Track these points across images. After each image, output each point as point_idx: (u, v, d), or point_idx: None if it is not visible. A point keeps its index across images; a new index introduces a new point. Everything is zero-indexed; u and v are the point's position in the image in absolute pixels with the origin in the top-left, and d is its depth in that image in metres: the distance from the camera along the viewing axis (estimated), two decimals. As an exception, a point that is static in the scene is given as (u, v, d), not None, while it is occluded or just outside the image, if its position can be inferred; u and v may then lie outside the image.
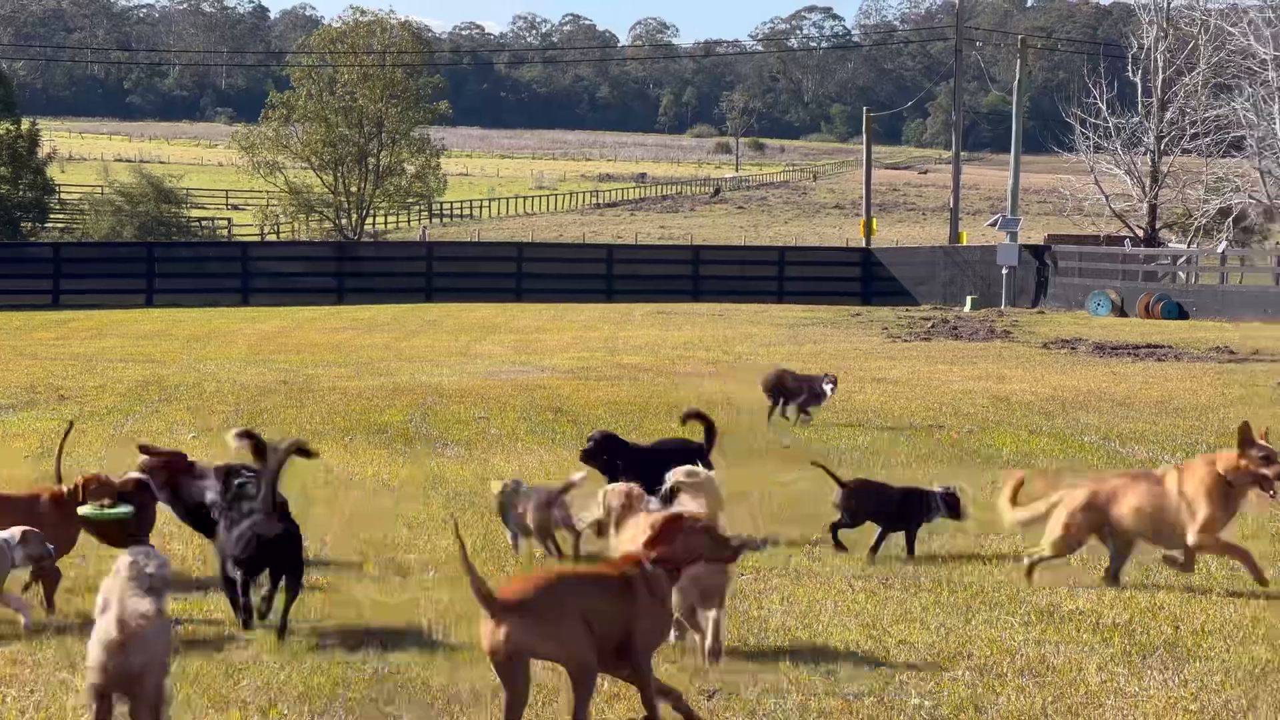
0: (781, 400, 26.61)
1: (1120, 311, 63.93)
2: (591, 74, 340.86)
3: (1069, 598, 12.81)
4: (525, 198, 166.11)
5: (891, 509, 14.80)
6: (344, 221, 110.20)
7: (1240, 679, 10.34)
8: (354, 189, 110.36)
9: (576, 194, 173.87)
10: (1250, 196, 72.85)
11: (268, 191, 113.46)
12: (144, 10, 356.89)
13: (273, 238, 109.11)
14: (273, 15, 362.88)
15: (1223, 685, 10.20)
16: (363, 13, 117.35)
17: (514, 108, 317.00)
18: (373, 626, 11.83)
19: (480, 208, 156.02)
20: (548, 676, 9.88)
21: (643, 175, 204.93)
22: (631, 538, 10.60)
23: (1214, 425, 26.09)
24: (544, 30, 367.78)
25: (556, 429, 25.97)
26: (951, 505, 14.87)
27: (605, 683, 9.67)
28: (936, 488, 15.06)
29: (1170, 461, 18.74)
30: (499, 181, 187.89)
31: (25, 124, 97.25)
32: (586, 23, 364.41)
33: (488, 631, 8.95)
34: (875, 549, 14.66)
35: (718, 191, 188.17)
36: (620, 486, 12.10)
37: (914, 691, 10.18)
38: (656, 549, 9.41)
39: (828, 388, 26.42)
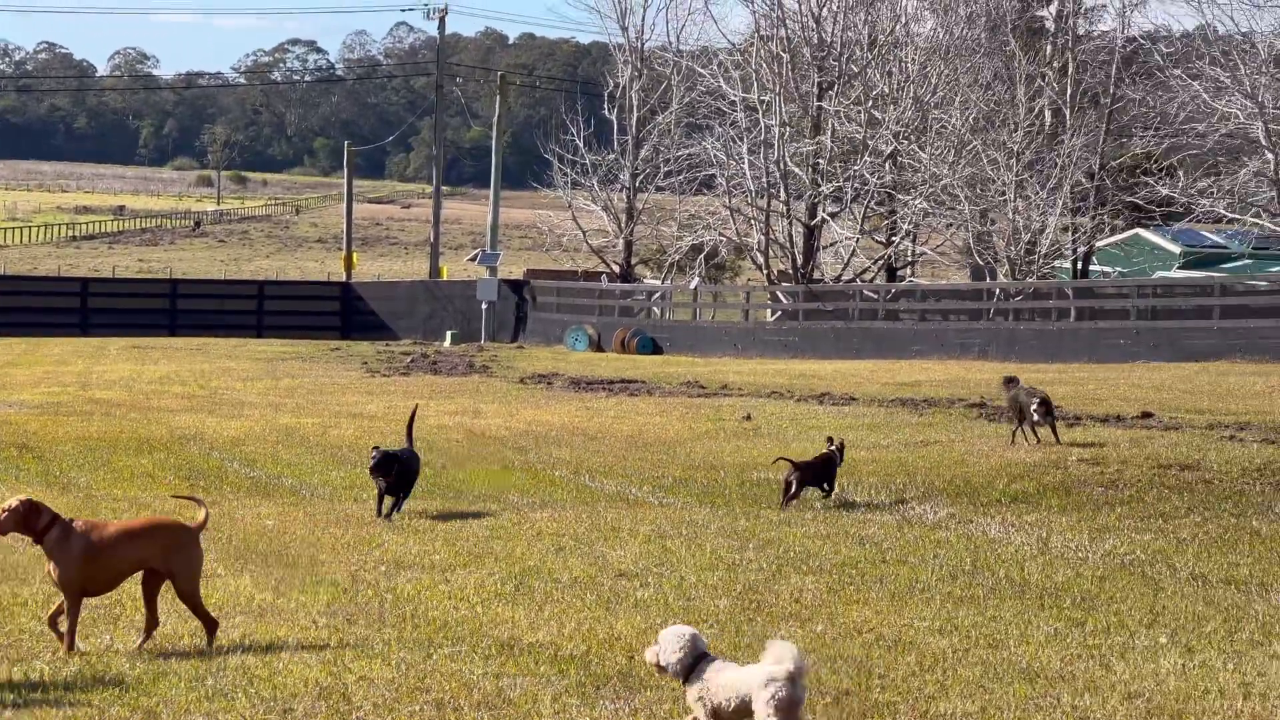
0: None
1: (597, 346, 65.13)
2: (68, 104, 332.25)
3: (530, 630, 12.95)
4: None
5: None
6: None
7: (686, 707, 10.60)
8: None
9: (52, 226, 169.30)
10: (721, 234, 74.95)
11: None
12: None
13: None
14: None
15: (671, 713, 10.44)
16: None
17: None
18: None
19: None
20: None
21: (121, 208, 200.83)
22: None
23: (681, 459, 26.73)
24: (17, 58, 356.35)
25: (20, 465, 25.32)
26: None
27: None
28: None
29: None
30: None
31: None
32: (63, 51, 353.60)
33: None
34: None
35: (198, 225, 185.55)
36: None
37: (371, 728, 10.17)
38: None
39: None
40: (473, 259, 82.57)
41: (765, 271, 71.96)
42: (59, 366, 51.65)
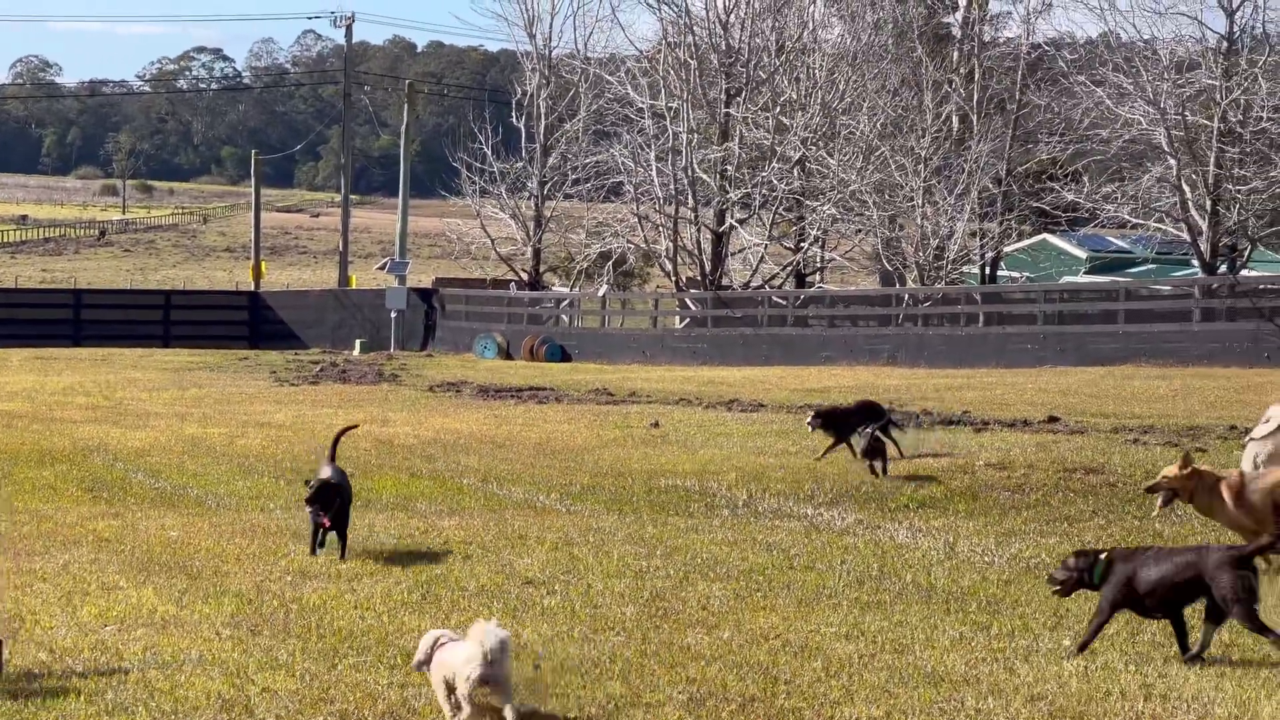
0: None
1: (506, 354, 65.07)
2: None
3: (436, 640, 12.87)
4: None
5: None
6: None
7: (593, 714, 10.58)
8: None
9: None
10: (629, 241, 74.89)
11: None
12: None
13: None
14: None
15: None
16: None
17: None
18: None
19: None
20: None
21: (24, 217, 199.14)
22: None
23: (589, 466, 26.67)
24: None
25: (-81, 480, 25.03)
26: None
27: None
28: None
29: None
30: None
31: None
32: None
33: None
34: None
35: (103, 234, 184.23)
36: None
37: (273, 740, 10.09)
38: None
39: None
40: (381, 268, 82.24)
41: (674, 278, 71.97)
42: (-40, 378, 51.13)
